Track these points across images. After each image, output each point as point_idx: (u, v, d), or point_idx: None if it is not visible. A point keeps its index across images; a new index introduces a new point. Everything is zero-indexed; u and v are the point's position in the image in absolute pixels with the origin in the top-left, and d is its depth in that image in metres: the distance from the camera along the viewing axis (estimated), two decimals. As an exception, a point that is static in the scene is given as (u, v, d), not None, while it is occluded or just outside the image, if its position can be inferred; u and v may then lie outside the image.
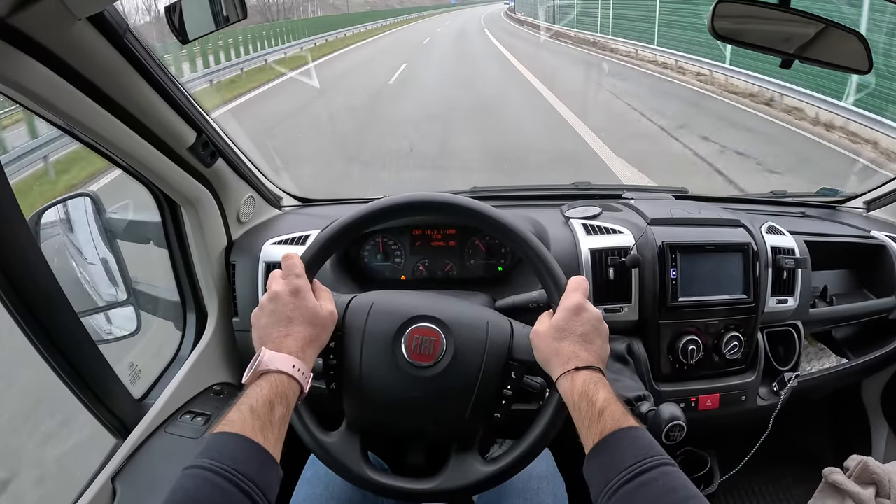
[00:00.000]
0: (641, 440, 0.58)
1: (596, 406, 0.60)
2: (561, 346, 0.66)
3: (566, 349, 0.66)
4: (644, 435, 0.59)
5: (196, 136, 0.90)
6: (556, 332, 0.68)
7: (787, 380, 1.07)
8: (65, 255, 1.07)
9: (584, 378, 0.63)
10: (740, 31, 0.86)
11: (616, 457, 0.57)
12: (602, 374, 0.65)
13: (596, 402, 0.60)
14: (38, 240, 0.96)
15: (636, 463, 0.55)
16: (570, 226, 1.07)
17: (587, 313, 0.68)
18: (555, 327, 0.68)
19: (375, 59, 13.71)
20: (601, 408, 0.60)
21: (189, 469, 0.53)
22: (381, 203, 0.75)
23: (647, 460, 0.55)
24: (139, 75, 0.77)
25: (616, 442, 0.58)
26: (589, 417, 0.60)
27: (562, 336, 0.67)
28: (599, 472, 0.57)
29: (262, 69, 10.74)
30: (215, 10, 0.84)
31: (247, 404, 0.58)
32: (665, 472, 0.54)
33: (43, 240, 1.00)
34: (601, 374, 0.65)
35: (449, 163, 5.20)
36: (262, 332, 0.67)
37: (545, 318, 0.71)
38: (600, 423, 0.59)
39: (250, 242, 1.09)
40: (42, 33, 0.61)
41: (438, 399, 0.72)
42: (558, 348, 0.66)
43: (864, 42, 0.89)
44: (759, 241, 1.06)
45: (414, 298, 0.77)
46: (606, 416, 0.59)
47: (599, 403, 0.60)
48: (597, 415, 0.60)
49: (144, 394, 0.99)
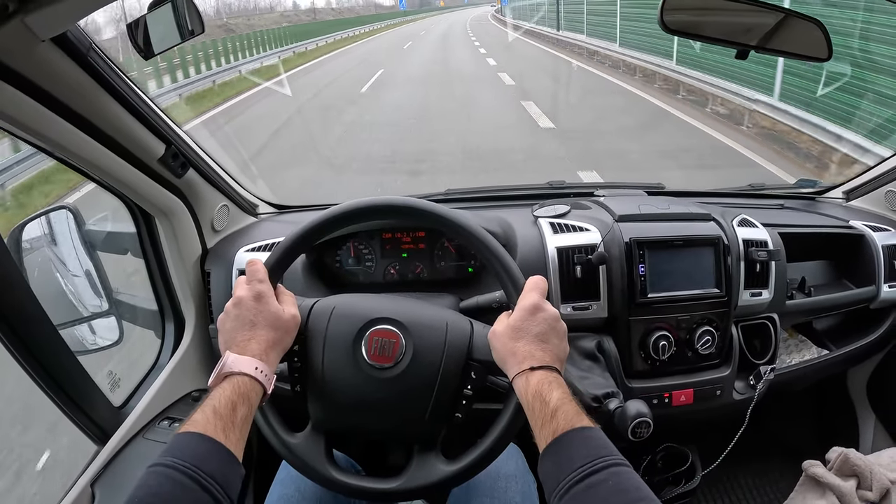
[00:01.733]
0: (593, 440, 0.58)
1: (549, 406, 0.60)
2: (517, 346, 0.67)
3: (522, 349, 0.66)
4: (596, 435, 0.59)
5: (165, 148, 0.92)
6: (512, 331, 0.68)
7: (763, 373, 1.07)
8: (48, 268, 1.09)
9: (538, 378, 0.64)
10: (695, 24, 0.86)
11: (567, 457, 0.57)
12: (558, 373, 0.65)
13: (549, 402, 0.61)
14: (19, 254, 0.98)
15: (586, 464, 0.55)
16: (537, 225, 1.08)
17: (543, 313, 0.69)
18: (511, 327, 0.68)
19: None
20: (554, 408, 0.60)
21: (152, 467, 0.55)
22: (339, 208, 0.77)
23: (597, 461, 0.55)
24: (105, 91, 0.79)
25: (568, 442, 0.58)
26: (542, 417, 0.60)
27: (518, 336, 0.67)
28: (551, 473, 0.57)
29: (228, 83, 10.20)
30: (179, 23, 0.86)
31: (210, 405, 0.60)
32: (615, 472, 0.54)
33: (25, 253, 1.02)
34: (557, 374, 0.65)
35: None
36: (227, 336, 0.69)
37: (503, 318, 0.72)
38: (553, 423, 0.59)
39: (225, 250, 1.10)
40: (7, 56, 0.63)
41: (399, 399, 0.73)
42: (514, 348, 0.67)
43: (824, 29, 0.89)
44: (730, 235, 1.06)
45: (374, 301, 0.78)
46: (559, 416, 0.59)
47: (553, 403, 0.60)
48: (550, 415, 0.60)
49: (124, 401, 1.01)
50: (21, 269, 0.93)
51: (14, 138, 0.86)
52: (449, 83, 10.04)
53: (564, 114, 7.02)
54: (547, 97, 8.09)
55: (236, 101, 9.00)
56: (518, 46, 16.33)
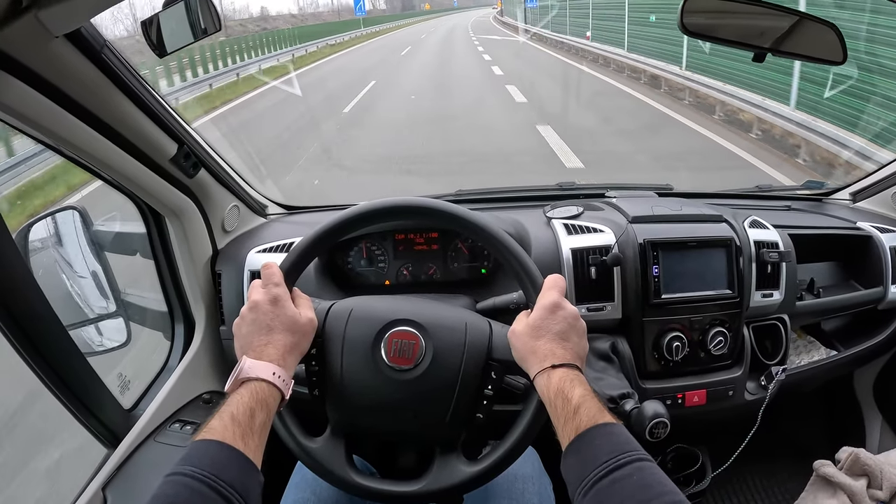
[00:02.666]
0: (617, 436, 0.58)
1: (571, 403, 0.60)
2: (537, 345, 0.67)
3: (542, 347, 0.66)
4: (620, 431, 0.59)
5: (177, 148, 0.91)
6: (532, 330, 0.68)
7: (775, 373, 1.07)
8: (55, 269, 1.08)
9: (560, 375, 0.63)
10: (713, 27, 0.87)
11: (591, 453, 0.57)
12: (580, 370, 0.65)
13: (571, 399, 0.60)
14: (26, 254, 0.97)
15: (610, 459, 0.55)
16: (551, 226, 1.07)
17: (563, 311, 0.68)
18: (531, 326, 0.68)
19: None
20: (577, 405, 0.60)
21: (170, 476, 0.54)
22: (356, 209, 0.76)
23: (621, 456, 0.55)
24: (118, 90, 0.78)
25: (591, 438, 0.58)
26: (565, 415, 0.60)
27: (538, 334, 0.67)
28: (575, 469, 0.57)
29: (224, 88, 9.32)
30: (193, 22, 0.85)
31: (228, 412, 0.59)
32: (640, 467, 0.54)
33: (32, 254, 1.01)
34: (578, 371, 0.65)
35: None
36: (244, 341, 0.68)
37: (522, 318, 0.71)
38: (576, 419, 0.59)
39: (235, 251, 1.10)
40: (20, 52, 0.62)
41: (420, 401, 0.73)
42: (535, 347, 0.67)
43: (839, 33, 0.90)
44: (741, 236, 1.06)
45: (392, 303, 0.78)
46: (582, 412, 0.59)
47: (575, 400, 0.60)
48: (572, 412, 0.60)
49: (134, 404, 1.00)
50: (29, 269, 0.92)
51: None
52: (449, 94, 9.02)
53: (594, 147, 5.41)
54: (572, 126, 6.22)
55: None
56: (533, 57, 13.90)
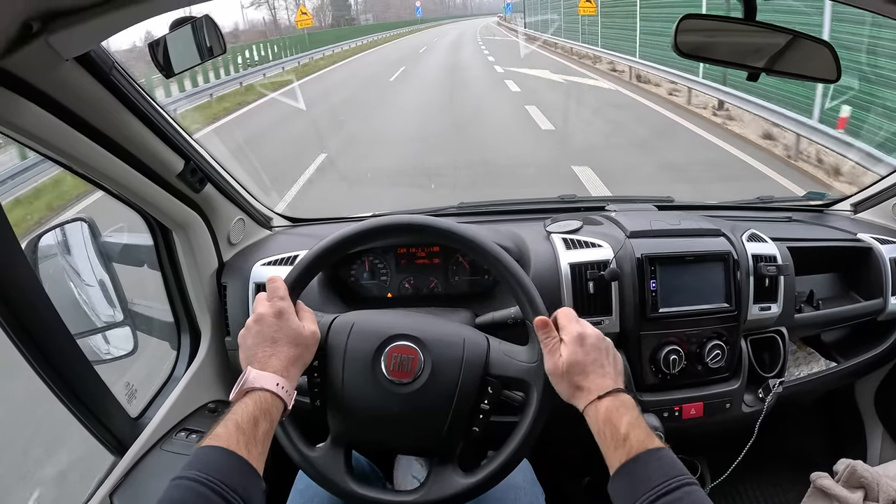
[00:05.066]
0: (666, 461, 0.61)
1: (620, 431, 0.63)
2: (579, 381, 0.69)
3: (584, 383, 0.69)
4: (668, 455, 0.61)
5: (184, 164, 0.94)
6: (569, 368, 0.70)
7: (772, 386, 1.08)
8: (63, 279, 1.10)
9: (606, 406, 0.66)
10: (706, 47, 0.87)
11: (641, 478, 0.60)
12: (622, 392, 0.68)
13: (620, 427, 0.63)
14: (35, 264, 1.00)
15: (661, 483, 0.58)
16: (550, 240, 1.09)
17: (589, 339, 0.71)
18: (567, 364, 0.70)
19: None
20: (626, 432, 0.63)
21: (176, 480, 0.56)
22: (361, 226, 0.78)
23: (670, 481, 0.58)
24: (126, 109, 0.81)
25: (642, 464, 0.61)
26: (614, 442, 0.63)
27: (576, 371, 0.69)
28: (624, 493, 0.61)
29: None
30: (199, 44, 0.87)
31: (232, 420, 0.62)
32: (689, 491, 0.57)
33: (41, 264, 1.03)
34: (622, 395, 0.68)
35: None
36: (248, 352, 0.70)
37: (551, 359, 0.72)
38: (625, 446, 0.62)
39: (241, 264, 1.12)
40: (32, 74, 0.65)
41: (418, 414, 0.75)
42: (577, 383, 0.69)
43: (833, 51, 0.90)
44: (739, 250, 1.07)
45: (393, 317, 0.80)
46: (631, 438, 0.62)
47: (623, 428, 0.63)
48: (621, 439, 0.63)
49: (141, 412, 1.02)
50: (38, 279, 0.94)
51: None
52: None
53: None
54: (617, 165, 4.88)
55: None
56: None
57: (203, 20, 0.83)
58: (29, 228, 3.32)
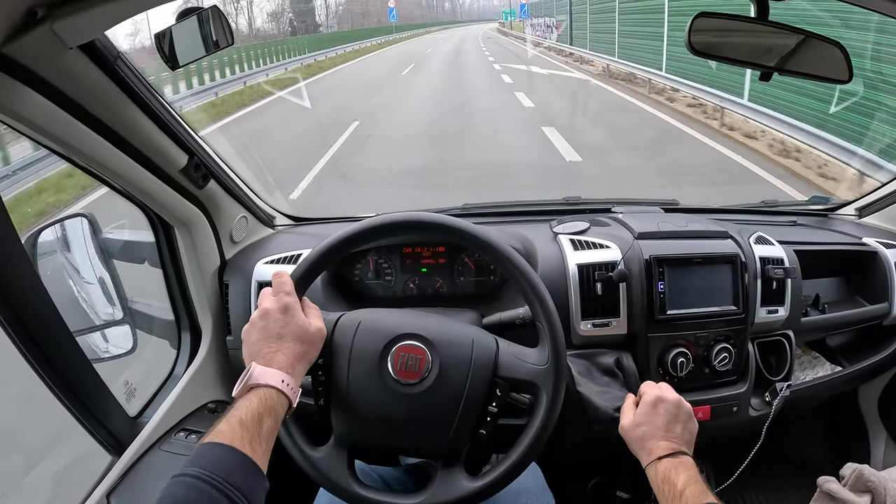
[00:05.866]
0: None
1: (677, 487, 0.68)
2: (645, 440, 0.76)
3: (650, 443, 0.75)
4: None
5: (188, 159, 0.92)
6: (637, 426, 0.78)
7: (779, 389, 1.07)
8: (61, 275, 1.09)
9: (665, 465, 0.72)
10: (719, 46, 0.87)
11: None
12: (685, 454, 0.74)
13: (677, 484, 0.68)
14: (34, 260, 0.98)
15: None
16: (558, 241, 1.08)
17: (665, 403, 0.78)
18: (637, 423, 0.78)
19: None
20: (682, 488, 0.67)
21: (178, 477, 0.54)
22: (370, 223, 0.77)
23: None
24: (130, 101, 0.79)
25: None
26: (671, 497, 0.68)
27: (643, 429, 0.77)
28: None
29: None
30: (205, 36, 0.86)
31: (236, 416, 0.60)
32: None
33: (40, 260, 1.01)
34: (683, 456, 0.73)
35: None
36: (253, 348, 0.69)
37: (628, 413, 0.81)
38: (682, 500, 0.67)
39: (243, 262, 1.10)
40: (35, 62, 0.64)
41: (424, 416, 0.73)
42: (643, 443, 0.76)
43: (844, 52, 0.90)
44: (747, 252, 1.06)
45: (400, 316, 0.78)
46: (687, 494, 0.67)
47: (680, 485, 0.68)
48: (678, 495, 0.67)
49: (140, 412, 1.00)
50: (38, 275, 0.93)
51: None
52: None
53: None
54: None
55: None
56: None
57: (209, 11, 0.82)
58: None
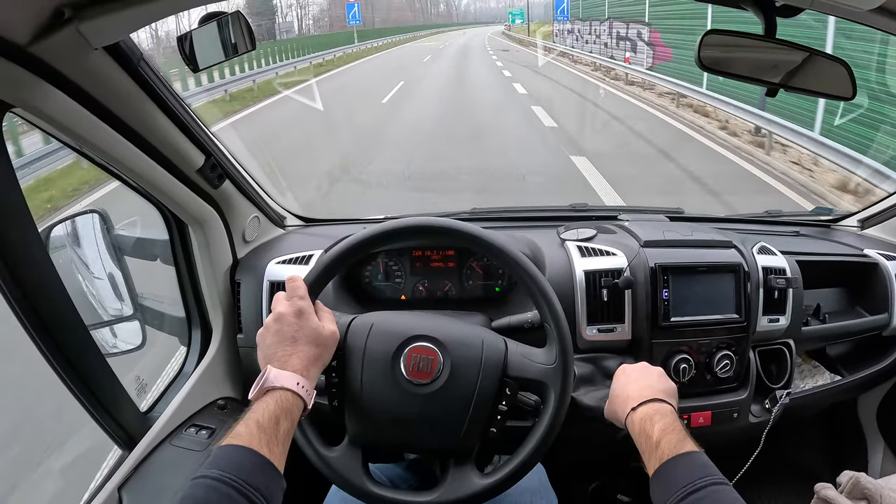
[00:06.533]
0: (695, 462, 0.63)
1: (652, 439, 0.68)
2: (617, 402, 0.78)
3: (620, 404, 0.77)
4: (698, 458, 0.64)
5: (205, 159, 0.94)
6: (614, 398, 0.80)
7: (779, 397, 1.08)
8: (71, 270, 1.10)
9: (640, 415, 0.72)
10: (727, 61, 0.89)
11: (670, 481, 0.63)
12: (660, 401, 0.72)
13: (652, 436, 0.68)
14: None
15: (687, 484, 0.60)
16: (565, 248, 1.10)
17: (627, 369, 0.82)
18: (612, 396, 0.81)
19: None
20: (657, 439, 0.67)
21: (198, 479, 0.56)
22: (383, 228, 0.79)
23: (697, 481, 0.60)
24: (152, 101, 0.81)
25: (672, 467, 0.64)
26: (648, 450, 0.68)
27: (615, 396, 0.80)
28: (658, 497, 0.63)
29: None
30: (224, 41, 0.87)
31: (253, 419, 0.62)
32: (714, 490, 0.60)
33: (52, 254, 1.03)
34: (659, 403, 0.72)
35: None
36: (268, 351, 0.70)
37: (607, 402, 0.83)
38: (658, 452, 0.66)
39: (255, 262, 1.12)
40: (60, 61, 0.65)
41: (437, 415, 0.75)
42: (622, 407, 0.77)
43: (849, 69, 0.92)
44: (750, 262, 1.08)
45: (412, 319, 0.80)
46: (663, 445, 0.66)
47: (655, 436, 0.68)
48: (654, 446, 0.67)
49: (150, 407, 1.01)
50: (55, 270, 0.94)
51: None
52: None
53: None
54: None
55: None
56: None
57: (231, 17, 0.84)
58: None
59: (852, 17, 0.86)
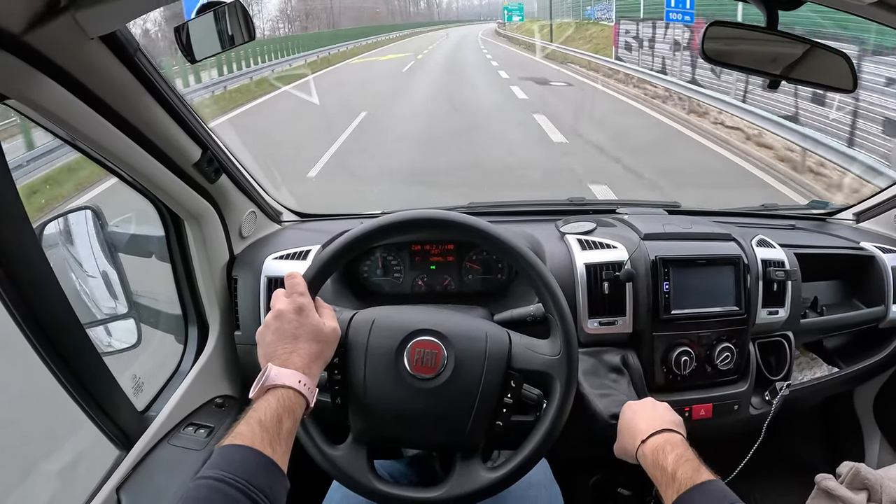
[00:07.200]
0: (713, 492, 0.63)
1: (668, 470, 0.67)
2: (626, 438, 0.78)
3: (629, 438, 0.76)
4: (715, 487, 0.64)
5: (202, 153, 0.92)
6: (621, 433, 0.80)
7: (779, 389, 1.09)
8: (64, 268, 1.08)
9: (651, 447, 0.71)
10: (730, 53, 0.89)
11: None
12: (670, 431, 0.72)
13: (667, 467, 0.67)
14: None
15: None
16: (565, 241, 1.09)
17: (634, 406, 0.81)
18: (620, 436, 0.80)
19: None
20: (673, 470, 0.67)
21: (200, 479, 0.54)
22: (383, 221, 0.78)
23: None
24: (148, 93, 0.79)
25: (690, 499, 0.63)
26: (664, 482, 0.67)
27: (625, 430, 0.79)
28: None
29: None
30: (221, 32, 0.86)
31: (255, 418, 0.60)
32: None
33: (45, 252, 1.01)
34: (668, 433, 0.72)
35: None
36: (268, 349, 0.69)
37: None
38: (675, 484, 0.65)
39: (252, 257, 1.10)
40: (55, 51, 0.64)
41: (442, 409, 0.74)
42: (625, 439, 0.78)
43: (849, 62, 0.93)
44: (749, 254, 1.08)
45: (414, 313, 0.79)
46: (679, 475, 0.66)
47: (670, 467, 0.67)
48: (670, 478, 0.66)
49: (147, 406, 1.00)
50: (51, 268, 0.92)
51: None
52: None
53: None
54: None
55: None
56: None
57: (228, 7, 0.82)
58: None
59: (852, 10, 0.86)
